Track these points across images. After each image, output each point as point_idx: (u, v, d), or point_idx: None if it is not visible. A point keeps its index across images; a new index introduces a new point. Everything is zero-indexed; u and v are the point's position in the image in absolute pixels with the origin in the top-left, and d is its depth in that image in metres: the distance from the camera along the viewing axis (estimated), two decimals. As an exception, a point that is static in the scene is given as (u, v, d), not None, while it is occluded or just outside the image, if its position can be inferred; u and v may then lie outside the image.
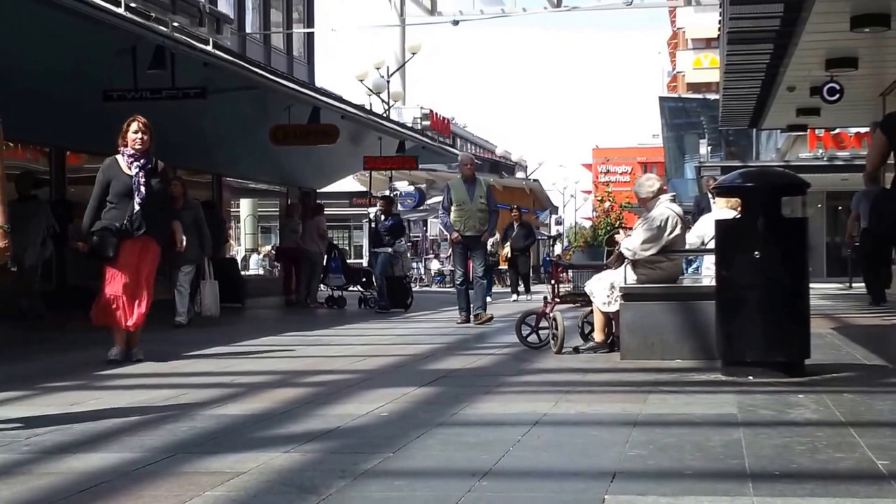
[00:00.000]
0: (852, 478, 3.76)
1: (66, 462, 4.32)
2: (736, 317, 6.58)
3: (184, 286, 12.93)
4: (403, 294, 16.63)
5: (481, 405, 5.70)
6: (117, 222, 8.18)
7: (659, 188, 8.25)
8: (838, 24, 13.04)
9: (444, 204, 12.85)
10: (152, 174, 8.41)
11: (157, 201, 8.40)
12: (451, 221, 12.60)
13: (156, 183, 8.39)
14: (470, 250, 12.61)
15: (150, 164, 8.42)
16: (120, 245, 8.13)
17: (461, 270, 12.79)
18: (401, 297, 16.44)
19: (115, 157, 8.43)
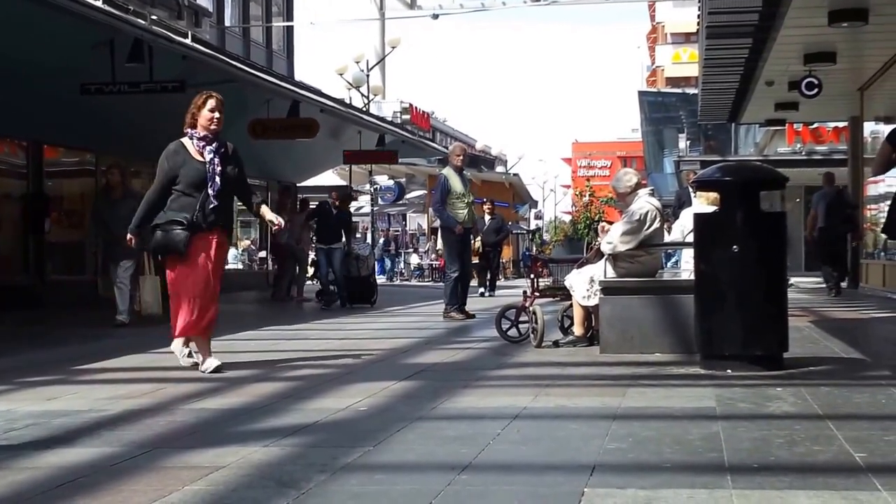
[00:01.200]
0: (830, 470, 3.78)
1: (44, 457, 4.30)
2: (715, 311, 6.60)
3: (124, 283, 12.15)
4: (369, 292, 16.57)
5: (461, 399, 5.70)
6: (187, 214, 7.16)
7: (637, 182, 8.27)
8: (816, 19, 13.11)
9: (440, 197, 12.36)
10: (227, 159, 7.37)
11: (231, 190, 7.44)
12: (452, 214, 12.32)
13: (231, 169, 7.34)
14: (464, 243, 12.52)
15: (223, 147, 7.39)
16: (190, 239, 7.15)
17: (459, 264, 12.61)
18: (367, 295, 16.41)
19: (181, 141, 7.37)
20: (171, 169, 7.26)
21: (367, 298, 16.32)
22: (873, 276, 18.31)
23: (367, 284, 16.81)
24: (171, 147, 7.39)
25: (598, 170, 66.29)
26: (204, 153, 7.27)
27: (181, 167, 7.23)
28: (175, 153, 7.32)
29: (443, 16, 30.69)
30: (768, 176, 7.36)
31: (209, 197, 7.21)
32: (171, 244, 7.17)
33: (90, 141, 16.51)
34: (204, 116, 7.33)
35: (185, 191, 7.22)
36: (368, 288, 16.70)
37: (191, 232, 7.13)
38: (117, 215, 11.64)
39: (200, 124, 7.32)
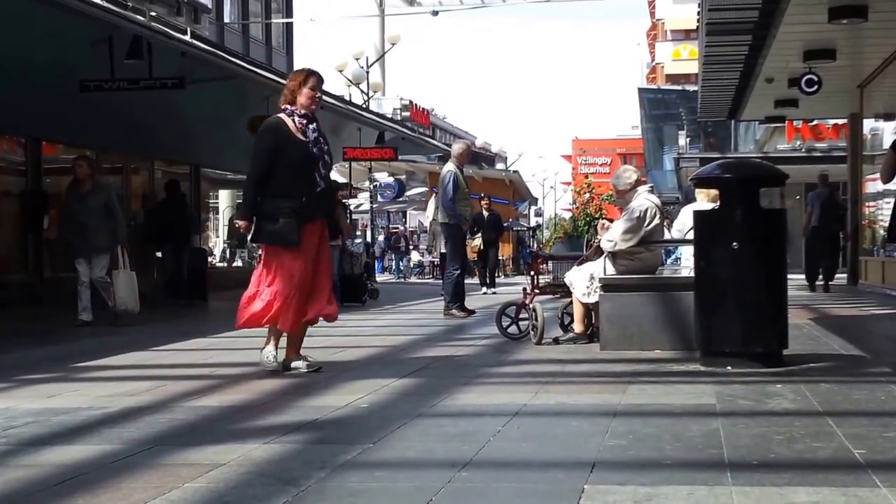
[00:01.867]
0: (830, 467, 3.78)
1: (43, 454, 4.30)
2: (714, 308, 6.60)
3: (98, 280, 11.51)
4: (362, 290, 16.35)
5: (461, 396, 5.70)
6: (294, 199, 6.60)
7: (636, 180, 8.27)
8: (816, 16, 13.11)
9: (453, 195, 12.14)
10: (326, 141, 6.86)
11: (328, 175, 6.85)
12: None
13: (329, 152, 6.85)
14: (464, 241, 12.49)
15: (319, 129, 6.85)
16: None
17: (461, 261, 12.56)
18: (359, 293, 16.15)
19: (280, 118, 6.78)
20: (274, 147, 6.63)
21: (358, 297, 16.05)
22: (872, 273, 18.32)
23: (359, 283, 16.54)
24: (270, 122, 6.81)
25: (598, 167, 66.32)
26: (307, 132, 6.72)
27: (284, 146, 6.63)
28: (278, 129, 6.71)
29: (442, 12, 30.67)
30: (768, 173, 7.36)
31: (316, 180, 6.68)
32: (284, 234, 6.60)
33: (89, 138, 16.48)
34: (305, 94, 6.75)
35: (287, 172, 6.61)
36: (360, 286, 16.46)
37: (300, 220, 6.62)
38: (87, 209, 11.41)
39: (301, 103, 6.75)
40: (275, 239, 6.65)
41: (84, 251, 11.51)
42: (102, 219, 11.42)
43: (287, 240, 6.60)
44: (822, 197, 17.27)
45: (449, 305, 12.22)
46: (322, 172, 6.71)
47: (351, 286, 16.01)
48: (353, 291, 16.05)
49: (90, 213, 11.39)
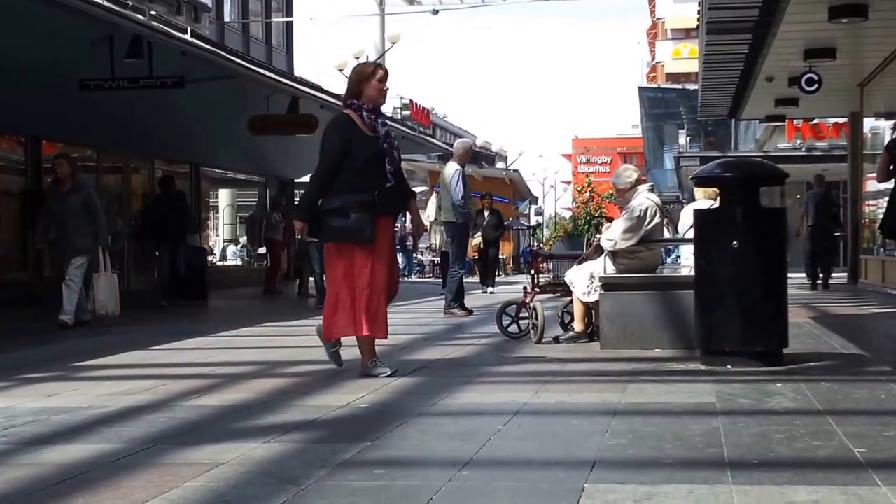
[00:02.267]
0: (830, 466, 3.78)
1: (44, 453, 4.29)
2: (715, 306, 6.60)
3: (74, 281, 11.15)
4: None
5: (461, 395, 5.70)
6: (365, 196, 6.31)
7: (637, 178, 8.27)
8: (817, 15, 13.10)
9: (465, 193, 12.09)
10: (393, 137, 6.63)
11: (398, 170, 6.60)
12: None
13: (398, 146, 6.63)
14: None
15: (386, 124, 6.63)
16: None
17: (463, 261, 12.54)
18: None
19: (347, 114, 6.50)
20: (342, 144, 6.36)
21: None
22: (872, 272, 18.32)
23: None
24: (339, 119, 6.52)
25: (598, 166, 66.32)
26: (376, 127, 6.44)
27: (352, 142, 6.36)
28: (346, 124, 6.44)
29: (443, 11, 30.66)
30: (768, 172, 7.36)
31: (387, 176, 6.40)
32: (357, 230, 6.27)
33: (89, 137, 16.51)
34: (373, 87, 6.43)
35: (356, 169, 6.34)
36: None
37: (373, 215, 6.34)
38: (68, 209, 11.20)
39: (369, 96, 6.44)
40: (346, 235, 6.32)
41: (64, 252, 11.31)
42: (83, 219, 11.20)
43: (360, 236, 6.28)
44: (818, 196, 17.69)
45: (451, 304, 12.20)
46: (391, 169, 6.43)
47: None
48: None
49: (71, 214, 11.20)
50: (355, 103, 6.46)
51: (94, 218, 11.28)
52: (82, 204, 11.27)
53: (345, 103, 6.59)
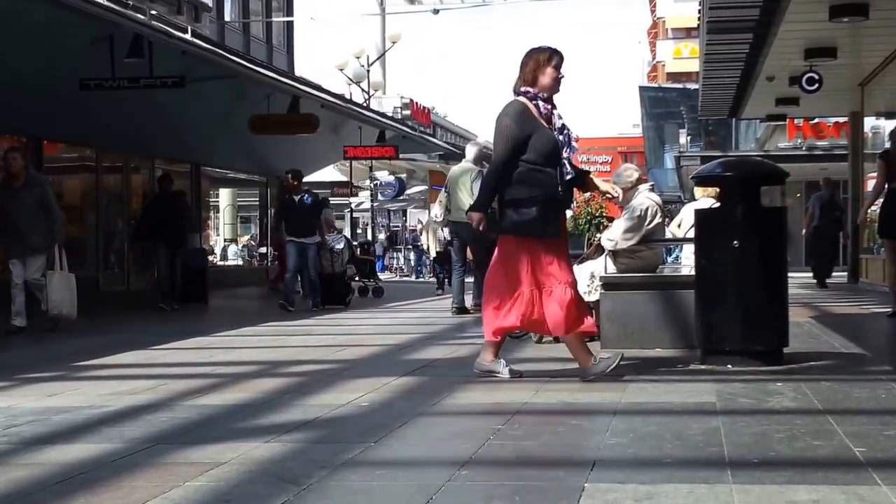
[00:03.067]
0: (830, 465, 3.78)
1: (45, 453, 4.30)
2: (715, 306, 6.60)
3: (38, 281, 10.56)
4: (344, 291, 15.23)
5: (462, 395, 5.71)
6: (545, 189, 5.98)
7: (638, 178, 8.27)
8: (817, 14, 13.10)
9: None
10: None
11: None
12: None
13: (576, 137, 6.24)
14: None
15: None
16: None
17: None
18: (341, 294, 15.04)
19: (522, 102, 6.09)
20: (523, 135, 5.98)
21: (341, 299, 14.91)
22: (873, 272, 18.31)
23: (342, 283, 15.33)
24: (516, 108, 6.07)
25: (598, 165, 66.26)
26: (553, 118, 6.08)
27: (533, 134, 6.00)
28: (525, 115, 6.03)
29: (443, 11, 30.68)
30: (769, 171, 7.36)
31: (567, 168, 6.06)
32: (545, 224, 5.97)
33: (90, 137, 16.50)
34: (549, 75, 6.05)
35: (538, 162, 5.99)
36: (343, 287, 15.31)
37: (556, 209, 6.10)
38: (20, 205, 10.52)
39: (543, 84, 6.07)
40: (532, 228, 5.99)
41: (19, 251, 10.63)
42: (38, 216, 10.52)
43: (547, 230, 6.00)
44: (823, 199, 18.16)
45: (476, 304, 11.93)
46: (570, 160, 6.09)
47: (331, 286, 14.85)
48: (335, 292, 14.89)
49: (24, 210, 10.51)
50: (530, 92, 6.07)
51: (49, 215, 10.66)
52: (37, 200, 10.65)
53: (517, 91, 6.16)
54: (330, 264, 14.86)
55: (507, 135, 6.01)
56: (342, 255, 15.28)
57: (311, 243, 14.25)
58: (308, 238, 14.19)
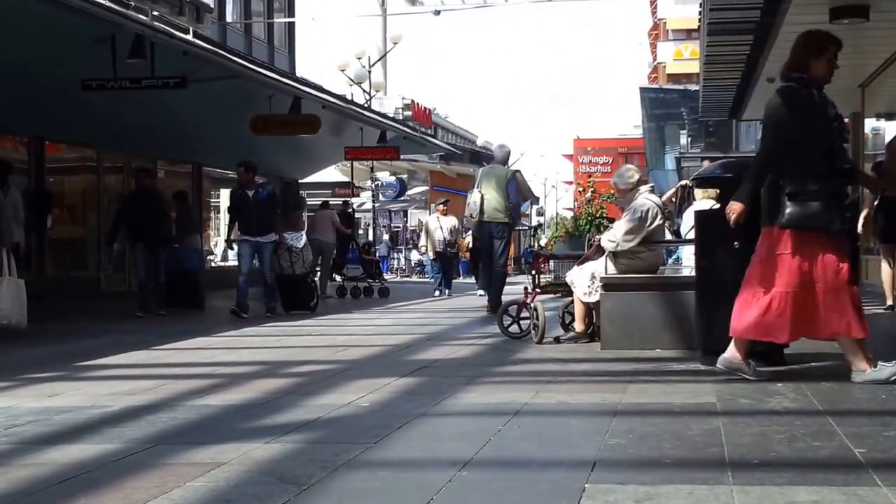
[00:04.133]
0: (830, 466, 3.78)
1: (46, 453, 4.30)
2: (715, 306, 6.60)
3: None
4: (307, 295, 13.68)
5: (463, 395, 5.71)
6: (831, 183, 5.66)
7: (638, 179, 8.28)
8: (818, 16, 13.08)
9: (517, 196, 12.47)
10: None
11: None
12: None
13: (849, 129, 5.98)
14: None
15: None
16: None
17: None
18: (304, 299, 13.55)
19: (796, 88, 5.74)
20: (797, 122, 5.64)
21: (305, 303, 13.46)
22: (874, 273, 18.30)
23: (305, 286, 13.67)
24: (794, 92, 5.71)
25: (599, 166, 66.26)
26: (827, 107, 5.73)
27: (807, 121, 5.65)
28: (799, 103, 5.66)
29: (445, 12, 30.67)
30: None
31: (847, 160, 5.82)
32: (833, 219, 5.61)
33: (92, 137, 16.53)
34: (823, 65, 5.72)
35: (819, 153, 5.64)
36: (306, 290, 13.68)
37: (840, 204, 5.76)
38: None
39: (815, 73, 5.74)
40: (815, 222, 5.58)
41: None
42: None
43: (832, 224, 5.61)
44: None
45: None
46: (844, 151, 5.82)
47: (293, 290, 13.44)
48: (298, 297, 13.49)
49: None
50: (803, 78, 5.72)
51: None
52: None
53: (787, 76, 5.84)
54: (290, 265, 13.34)
55: (778, 122, 5.67)
56: (302, 255, 13.67)
57: (267, 242, 13.10)
58: (263, 236, 13.06)
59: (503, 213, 12.00)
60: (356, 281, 18.07)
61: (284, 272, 13.21)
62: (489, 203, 11.97)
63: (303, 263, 13.53)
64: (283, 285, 13.20)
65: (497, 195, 11.96)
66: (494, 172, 12.25)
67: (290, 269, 13.27)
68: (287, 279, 13.26)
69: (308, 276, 13.79)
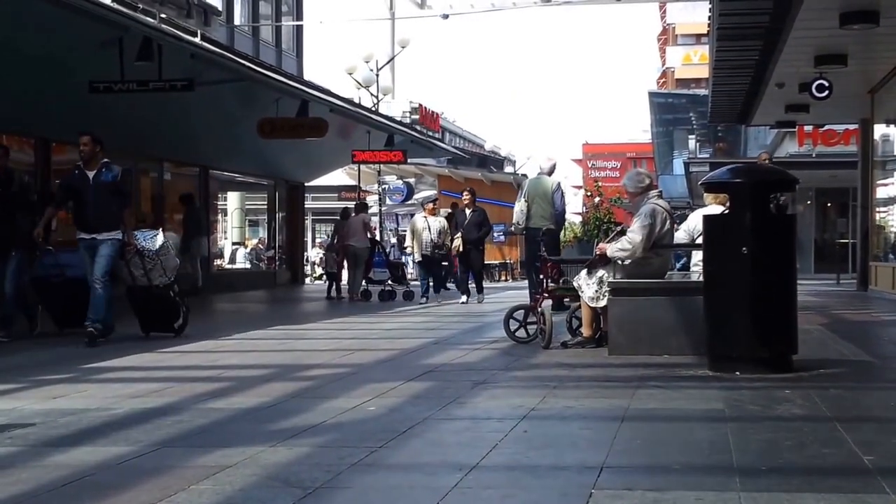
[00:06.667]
0: (839, 473, 3.76)
1: (51, 456, 4.29)
2: (723, 312, 6.58)
3: None
4: (171, 313, 10.11)
5: (469, 399, 5.69)
6: None
7: (649, 184, 8.25)
8: (827, 21, 13.06)
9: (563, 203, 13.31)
10: None
11: None
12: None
13: None
14: None
15: None
16: None
17: None
18: (167, 318, 10.08)
19: None
20: None
21: (167, 323, 10.04)
22: (882, 280, 18.25)
23: (166, 301, 10.02)
24: None
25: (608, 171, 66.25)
26: None
27: None
28: None
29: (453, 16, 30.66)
30: (778, 177, 7.32)
31: None
32: None
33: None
34: None
35: None
36: (168, 307, 10.06)
37: None
38: None
39: None
40: None
41: None
42: None
43: None
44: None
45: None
46: None
47: (148, 306, 10.05)
48: (155, 314, 10.08)
49: None
50: None
51: None
52: None
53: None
54: (143, 274, 9.85)
55: None
56: (160, 260, 9.97)
57: (108, 240, 9.55)
58: (102, 233, 9.58)
59: (548, 220, 12.96)
60: (382, 284, 17.97)
61: (137, 283, 9.89)
62: (535, 211, 12.95)
63: (161, 271, 9.95)
64: (137, 300, 10.02)
65: (543, 204, 12.92)
66: (541, 183, 13.14)
67: (145, 280, 9.87)
68: (141, 292, 9.93)
69: (171, 289, 10.08)
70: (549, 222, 12.94)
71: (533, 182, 13.36)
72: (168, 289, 10.06)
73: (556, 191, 13.12)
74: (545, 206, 12.94)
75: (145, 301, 10.00)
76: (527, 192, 13.13)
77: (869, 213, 19.68)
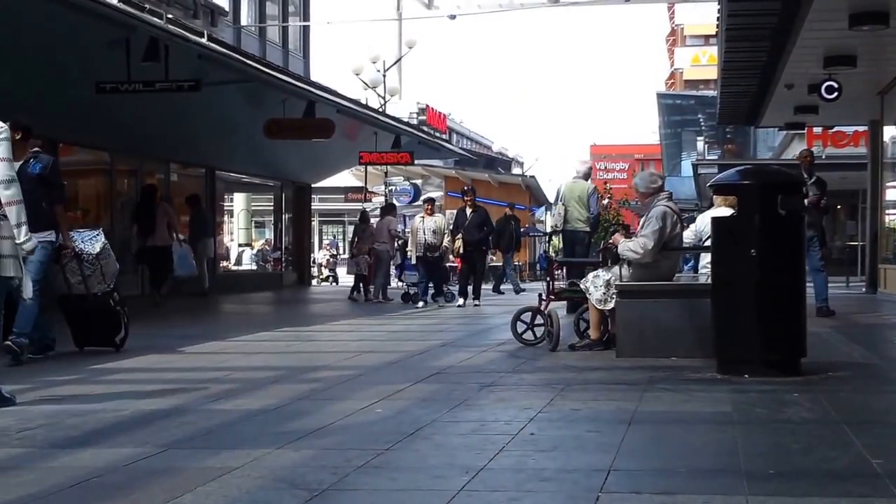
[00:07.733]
0: (847, 477, 3.74)
1: (57, 457, 4.29)
2: (732, 315, 6.56)
3: None
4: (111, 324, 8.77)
5: (476, 402, 5.68)
6: None
7: (660, 186, 8.23)
8: (837, 22, 13.03)
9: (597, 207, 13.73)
10: None
11: None
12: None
13: None
14: None
15: None
16: None
17: None
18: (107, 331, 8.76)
19: None
20: None
21: (107, 337, 8.76)
22: (892, 282, 18.20)
23: (106, 312, 8.75)
24: None
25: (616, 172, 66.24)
26: None
27: None
28: None
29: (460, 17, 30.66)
30: (787, 179, 7.30)
31: None
32: None
33: (105, 140, 16.55)
34: None
35: None
36: (108, 318, 8.78)
37: None
38: None
39: None
40: None
41: None
42: None
43: None
44: None
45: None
46: None
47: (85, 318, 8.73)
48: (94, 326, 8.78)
49: None
50: None
51: None
52: None
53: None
54: (80, 281, 8.55)
55: None
56: (100, 265, 8.65)
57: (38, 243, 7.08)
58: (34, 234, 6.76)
59: (584, 223, 13.34)
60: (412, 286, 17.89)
61: (73, 291, 8.60)
62: (571, 214, 13.30)
63: (101, 278, 8.67)
64: (73, 311, 8.75)
65: (579, 207, 13.26)
66: (577, 187, 13.42)
67: (82, 287, 8.58)
68: (78, 302, 8.65)
69: (111, 297, 8.81)
70: (585, 225, 13.31)
71: (569, 186, 13.60)
72: (108, 297, 8.76)
73: (592, 194, 13.48)
74: (581, 209, 13.27)
75: (82, 312, 8.70)
76: (563, 196, 13.47)
77: (879, 215, 19.63)
